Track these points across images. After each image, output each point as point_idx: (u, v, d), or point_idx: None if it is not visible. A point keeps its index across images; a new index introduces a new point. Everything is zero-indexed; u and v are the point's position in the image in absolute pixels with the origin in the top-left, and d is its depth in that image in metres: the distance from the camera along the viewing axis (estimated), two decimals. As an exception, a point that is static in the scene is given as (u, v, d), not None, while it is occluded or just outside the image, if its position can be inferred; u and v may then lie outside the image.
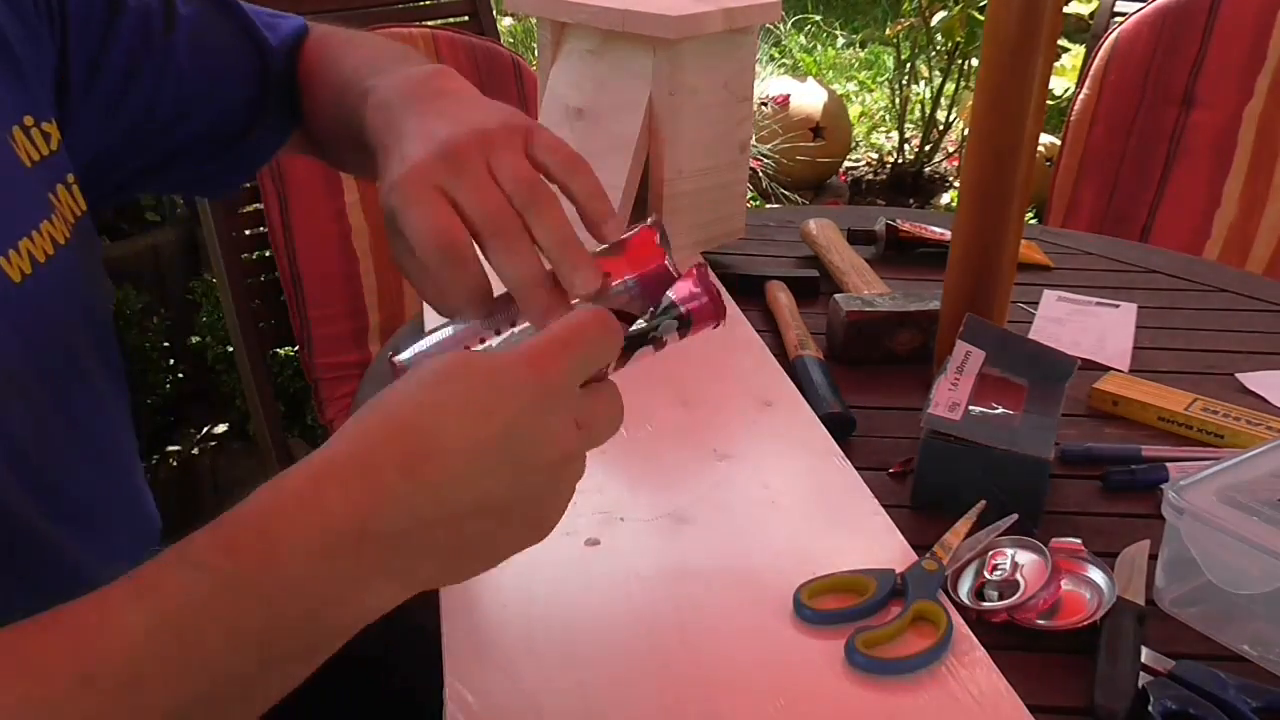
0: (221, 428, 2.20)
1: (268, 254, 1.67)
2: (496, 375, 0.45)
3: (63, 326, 0.67)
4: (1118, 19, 1.87)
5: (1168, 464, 0.87)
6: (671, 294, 0.54)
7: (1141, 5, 1.81)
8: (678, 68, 1.07)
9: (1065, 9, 3.64)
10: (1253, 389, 1.02)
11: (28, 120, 0.66)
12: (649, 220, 0.55)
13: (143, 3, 0.76)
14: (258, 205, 1.64)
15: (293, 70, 0.85)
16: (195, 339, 2.26)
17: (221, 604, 0.41)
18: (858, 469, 0.83)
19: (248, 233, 1.65)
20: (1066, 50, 3.71)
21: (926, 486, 0.83)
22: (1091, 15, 2.23)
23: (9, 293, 0.60)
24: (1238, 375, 1.05)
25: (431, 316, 1.05)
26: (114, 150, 0.77)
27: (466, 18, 1.86)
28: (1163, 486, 0.72)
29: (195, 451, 2.15)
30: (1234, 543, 0.67)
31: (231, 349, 1.87)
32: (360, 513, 0.42)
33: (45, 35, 0.69)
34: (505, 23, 4.21)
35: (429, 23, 1.78)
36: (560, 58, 1.19)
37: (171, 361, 2.23)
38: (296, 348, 1.72)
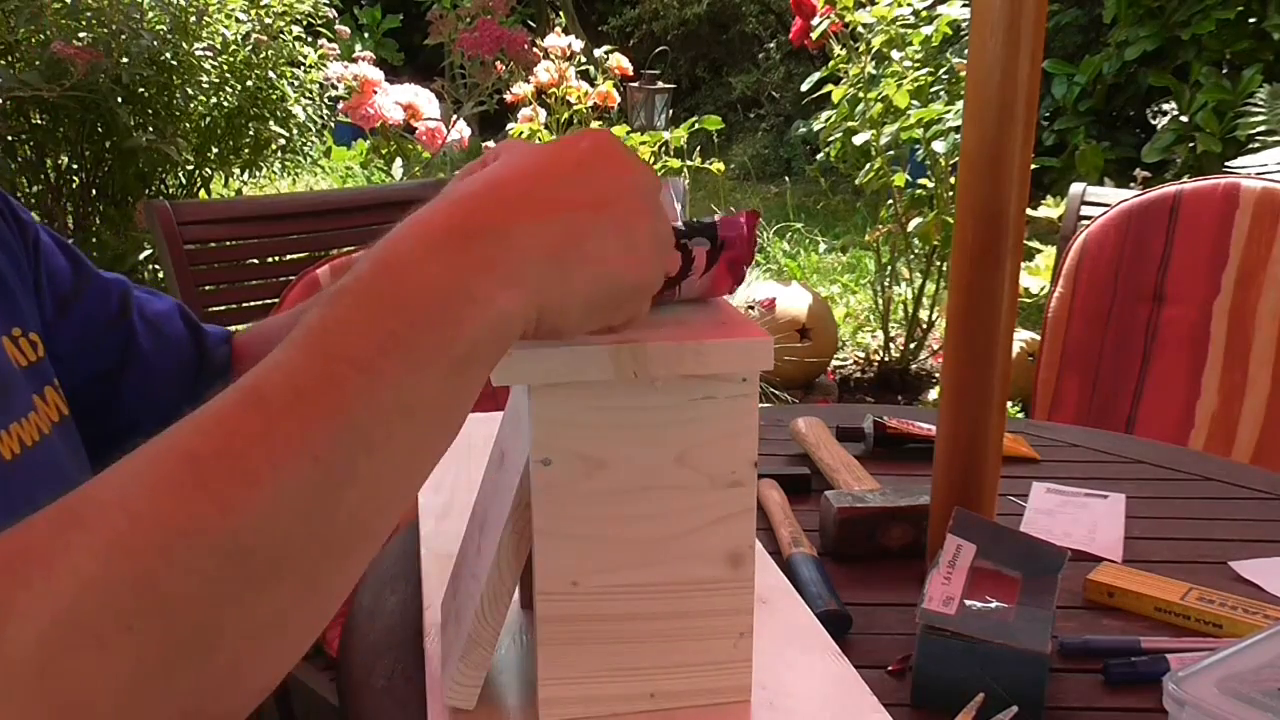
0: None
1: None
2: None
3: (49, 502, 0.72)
4: (1085, 221, 1.95)
5: (1169, 655, 0.86)
6: (716, 217, 0.65)
7: (1106, 208, 1.89)
8: (555, 423, 0.67)
9: (1035, 212, 3.81)
10: (1247, 577, 1.02)
11: (15, 331, 0.75)
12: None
13: (103, 284, 0.87)
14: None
15: (228, 359, 0.94)
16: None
17: (360, 316, 0.46)
18: (856, 667, 0.82)
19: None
20: (1039, 251, 3.86)
21: (926, 683, 0.81)
22: (1061, 218, 2.33)
23: (2, 468, 0.68)
24: (1231, 564, 1.05)
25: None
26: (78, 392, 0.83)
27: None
28: (1164, 678, 0.71)
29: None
30: (1239, 735, 0.66)
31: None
32: (455, 219, 0.50)
33: (26, 267, 0.80)
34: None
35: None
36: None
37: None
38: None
